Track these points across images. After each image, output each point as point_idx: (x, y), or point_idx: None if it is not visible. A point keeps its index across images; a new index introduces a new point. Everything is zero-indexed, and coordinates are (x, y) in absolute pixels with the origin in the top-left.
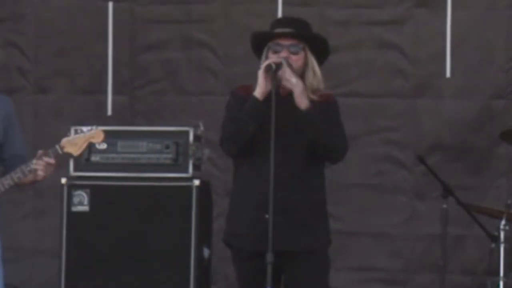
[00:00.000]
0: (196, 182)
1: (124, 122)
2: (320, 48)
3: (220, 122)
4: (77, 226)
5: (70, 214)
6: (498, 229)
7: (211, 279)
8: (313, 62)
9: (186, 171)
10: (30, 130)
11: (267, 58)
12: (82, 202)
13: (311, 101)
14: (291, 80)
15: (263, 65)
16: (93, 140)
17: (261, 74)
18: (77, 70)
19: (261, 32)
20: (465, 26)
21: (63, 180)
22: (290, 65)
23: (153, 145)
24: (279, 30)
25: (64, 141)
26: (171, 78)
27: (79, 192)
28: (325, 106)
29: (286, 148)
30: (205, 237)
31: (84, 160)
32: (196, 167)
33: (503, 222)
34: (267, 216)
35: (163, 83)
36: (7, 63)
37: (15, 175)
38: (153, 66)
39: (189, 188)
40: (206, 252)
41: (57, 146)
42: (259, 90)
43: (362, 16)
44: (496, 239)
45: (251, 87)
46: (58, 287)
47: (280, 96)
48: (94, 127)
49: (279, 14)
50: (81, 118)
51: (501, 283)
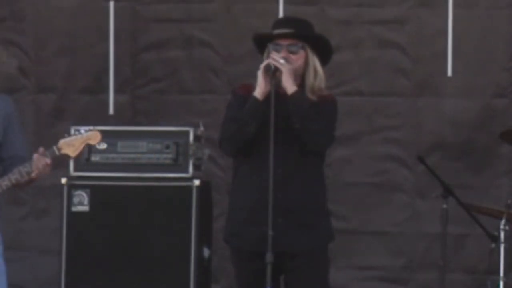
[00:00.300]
0: (196, 182)
1: (126, 121)
2: (322, 48)
3: (222, 121)
4: (77, 226)
5: (70, 214)
6: (498, 229)
7: (211, 279)
8: (315, 62)
9: (186, 171)
10: (31, 130)
11: (268, 59)
12: (82, 202)
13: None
14: (279, 61)
15: (262, 65)
16: (91, 142)
17: (260, 74)
18: (78, 70)
19: (261, 34)
20: (467, 25)
21: (63, 180)
22: (290, 64)
23: (153, 145)
24: (279, 31)
25: (61, 143)
26: (173, 77)
27: (79, 192)
28: (321, 105)
29: (286, 148)
30: (205, 237)
31: (84, 160)
32: (196, 167)
33: (503, 222)
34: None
35: (165, 82)
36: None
37: (13, 176)
38: (155, 65)
39: (189, 188)
40: (206, 252)
41: (54, 148)
42: (259, 90)
43: (364, 15)
44: (496, 239)
45: (252, 87)
46: (58, 287)
47: (280, 96)
48: (92, 128)
49: (280, 13)
50: (83, 118)
51: (501, 283)
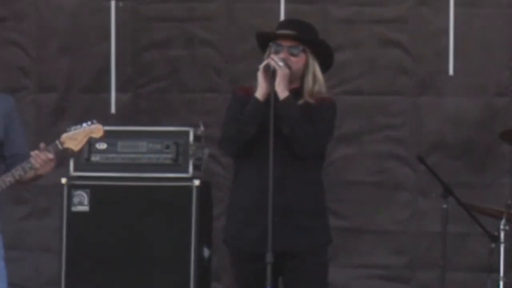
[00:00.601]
0: (196, 182)
1: (128, 120)
2: (324, 54)
3: (222, 121)
4: (77, 226)
5: (70, 214)
6: (498, 229)
7: (211, 279)
8: (315, 66)
9: (186, 171)
10: (33, 129)
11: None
12: (82, 202)
13: (307, 103)
14: (278, 63)
15: (261, 66)
16: (93, 135)
17: (261, 75)
18: (79, 69)
19: (263, 33)
20: (468, 24)
21: (63, 180)
22: (289, 66)
23: (153, 145)
24: (282, 32)
25: (64, 137)
26: (174, 76)
27: (79, 192)
28: (319, 108)
29: (285, 149)
30: (205, 237)
31: (84, 160)
32: (196, 167)
33: (503, 222)
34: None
35: (166, 81)
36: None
37: (16, 172)
38: (156, 64)
39: (189, 188)
40: (206, 252)
41: (57, 142)
42: (260, 91)
43: (365, 14)
44: (496, 239)
45: (252, 88)
46: (59, 287)
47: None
48: (94, 122)
49: (282, 12)
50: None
51: (501, 283)
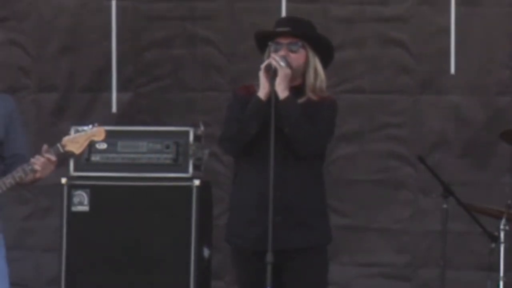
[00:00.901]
0: (196, 182)
1: (129, 120)
2: (323, 49)
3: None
4: (77, 226)
5: (70, 214)
6: (498, 229)
7: (211, 279)
8: (316, 62)
9: (186, 171)
10: (33, 129)
11: (269, 58)
12: (82, 202)
13: (309, 101)
14: (280, 63)
15: (263, 65)
16: (95, 138)
17: (262, 75)
18: (80, 68)
19: (261, 32)
20: (469, 23)
21: (63, 180)
22: (290, 65)
23: (153, 145)
24: (278, 29)
25: (65, 140)
26: (175, 75)
27: (79, 192)
28: (319, 106)
29: (286, 148)
30: (205, 237)
31: (84, 160)
32: (196, 167)
33: (503, 222)
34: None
35: (167, 80)
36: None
37: (16, 174)
38: (157, 63)
39: (189, 188)
40: (206, 252)
41: (59, 145)
42: (263, 91)
43: (366, 13)
44: (496, 239)
45: (253, 87)
46: (59, 287)
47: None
48: (96, 125)
49: (283, 11)
50: (85, 117)
51: (501, 283)
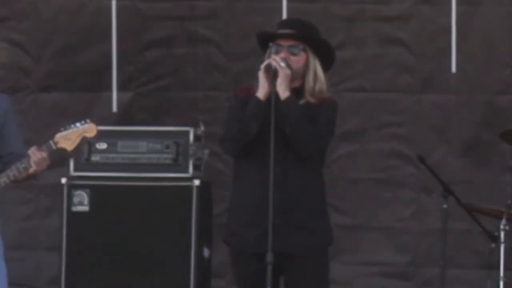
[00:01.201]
0: (196, 182)
1: (129, 119)
2: (324, 53)
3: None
4: (77, 226)
5: (70, 214)
6: (498, 229)
7: (211, 279)
8: (316, 65)
9: (186, 171)
10: (33, 129)
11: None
12: (82, 202)
13: (308, 103)
14: (280, 63)
15: (263, 66)
16: (87, 134)
17: (262, 75)
18: (81, 68)
19: (263, 33)
20: (470, 22)
21: (63, 180)
22: (290, 66)
23: (153, 145)
24: (281, 31)
25: (58, 137)
26: (176, 75)
27: (79, 192)
28: (319, 107)
29: (286, 149)
30: (205, 237)
31: (84, 160)
32: (196, 167)
33: (503, 222)
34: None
35: (168, 80)
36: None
37: (10, 173)
38: (158, 63)
39: (189, 188)
40: (206, 252)
41: (51, 142)
42: (262, 91)
43: (367, 12)
44: (496, 239)
45: (253, 89)
46: (59, 287)
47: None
48: (87, 121)
49: (284, 11)
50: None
51: (501, 283)
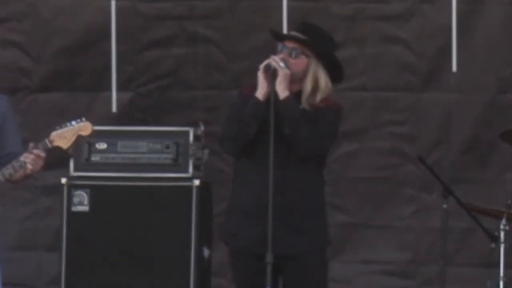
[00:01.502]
0: (196, 182)
1: (129, 119)
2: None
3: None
4: (77, 226)
5: (70, 214)
6: (498, 229)
7: (211, 279)
8: (317, 72)
9: (186, 171)
10: (33, 130)
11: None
12: (82, 202)
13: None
14: (279, 63)
15: (262, 66)
16: (82, 133)
17: (261, 75)
18: (80, 68)
19: (272, 32)
20: (471, 21)
21: (63, 180)
22: (288, 67)
23: (153, 145)
24: (292, 33)
25: (53, 135)
26: (176, 74)
27: (79, 192)
28: (323, 111)
29: (285, 150)
30: (205, 237)
31: (84, 160)
32: (196, 167)
33: (503, 222)
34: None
35: (168, 79)
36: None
37: (6, 171)
38: (157, 63)
39: (189, 188)
40: (206, 252)
41: (46, 140)
42: (261, 91)
43: (368, 11)
44: (496, 239)
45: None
46: (59, 287)
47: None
48: (83, 120)
49: (284, 10)
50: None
51: (501, 283)
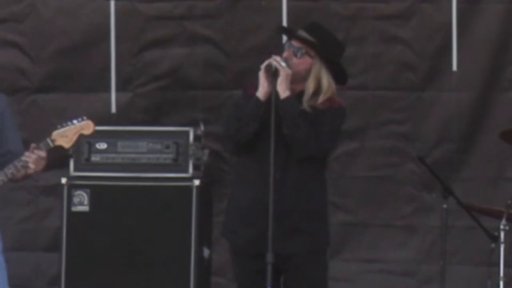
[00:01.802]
0: (196, 182)
1: (128, 120)
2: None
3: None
4: (77, 226)
5: (70, 214)
6: (498, 229)
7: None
8: (320, 73)
9: (186, 171)
10: (32, 130)
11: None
12: (82, 202)
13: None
14: (281, 63)
15: (263, 65)
16: (84, 132)
17: (262, 74)
18: (80, 69)
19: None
20: (471, 19)
21: (63, 180)
22: (290, 66)
23: (153, 145)
24: (300, 33)
25: (55, 134)
26: (176, 74)
27: (79, 192)
28: (325, 113)
29: (286, 151)
30: (205, 237)
31: (84, 160)
32: (196, 167)
33: (503, 222)
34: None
35: (167, 80)
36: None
37: (8, 171)
38: (157, 63)
39: (189, 188)
40: (206, 252)
41: (48, 140)
42: (262, 91)
43: (368, 10)
44: (496, 239)
45: None
46: (59, 287)
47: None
48: (84, 118)
49: (284, 10)
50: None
51: (501, 283)
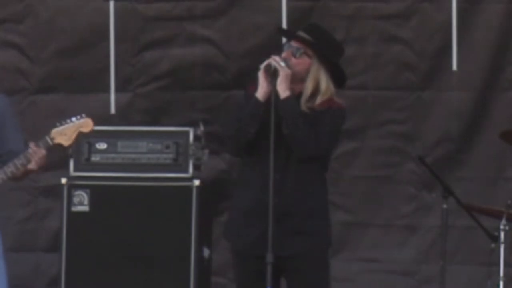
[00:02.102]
0: (196, 182)
1: (128, 120)
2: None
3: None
4: (77, 226)
5: (70, 214)
6: (498, 229)
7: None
8: (318, 74)
9: (186, 171)
10: (32, 131)
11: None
12: (82, 202)
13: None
14: (280, 63)
15: (262, 66)
16: (83, 129)
17: (262, 75)
18: (79, 69)
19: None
20: (471, 19)
21: (63, 180)
22: (289, 66)
23: (153, 145)
24: (299, 33)
25: (54, 132)
26: (175, 75)
27: (79, 192)
28: (325, 113)
29: (287, 152)
30: (205, 237)
31: (84, 160)
32: (196, 167)
33: (503, 222)
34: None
35: (167, 80)
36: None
37: (8, 170)
38: (157, 63)
39: (189, 188)
40: (206, 252)
41: (47, 138)
42: (261, 91)
43: (368, 10)
44: (496, 239)
45: None
46: (59, 287)
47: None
48: (83, 116)
49: (283, 9)
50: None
51: (501, 283)
